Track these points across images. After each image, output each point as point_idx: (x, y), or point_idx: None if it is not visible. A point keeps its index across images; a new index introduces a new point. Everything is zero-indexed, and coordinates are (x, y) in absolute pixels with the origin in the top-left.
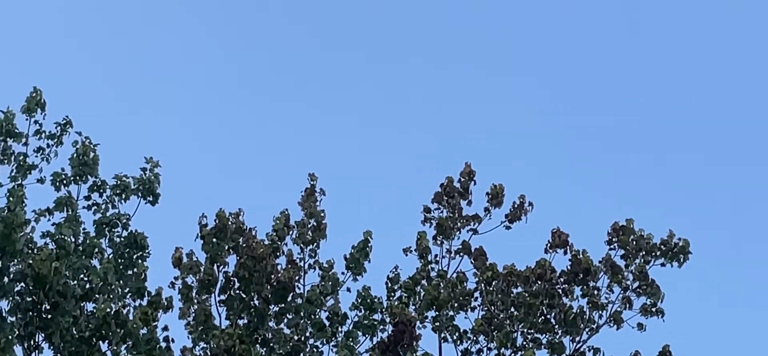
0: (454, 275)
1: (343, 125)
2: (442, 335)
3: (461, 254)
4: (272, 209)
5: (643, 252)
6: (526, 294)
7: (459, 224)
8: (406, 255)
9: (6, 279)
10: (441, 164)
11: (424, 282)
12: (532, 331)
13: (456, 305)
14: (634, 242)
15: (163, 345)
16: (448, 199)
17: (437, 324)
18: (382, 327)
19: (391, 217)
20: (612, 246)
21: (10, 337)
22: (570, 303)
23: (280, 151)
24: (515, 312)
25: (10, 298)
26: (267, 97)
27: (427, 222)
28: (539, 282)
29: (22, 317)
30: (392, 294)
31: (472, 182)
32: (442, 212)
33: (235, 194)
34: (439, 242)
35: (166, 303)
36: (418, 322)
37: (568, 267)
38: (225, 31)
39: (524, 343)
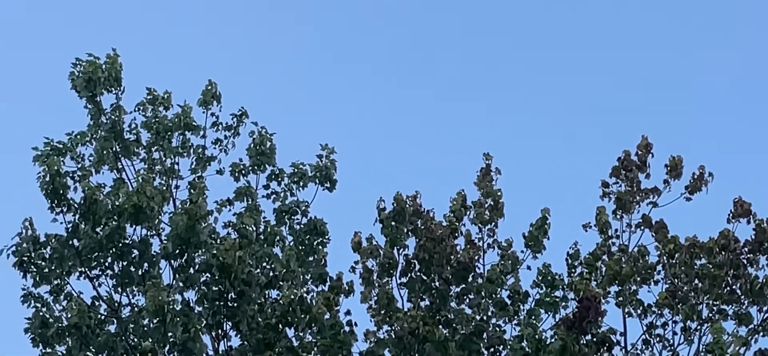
0: (636, 249)
1: (516, 103)
2: (626, 310)
3: (642, 227)
4: (448, 190)
5: None
6: (710, 266)
7: (638, 197)
8: (586, 231)
9: (192, 270)
10: (618, 139)
11: (604, 257)
12: (718, 302)
13: (639, 279)
14: None
15: (347, 329)
16: (626, 173)
17: (620, 298)
18: (564, 303)
19: (568, 193)
20: None
21: (198, 327)
22: (755, 273)
23: (453, 132)
24: (699, 284)
25: (197, 288)
26: (439, 79)
27: (606, 197)
28: (723, 253)
29: (209, 306)
30: (573, 270)
31: (650, 155)
32: (620, 186)
33: (411, 177)
34: (618, 217)
35: (347, 288)
36: (601, 297)
37: (752, 237)
38: (395, 15)
39: (710, 315)
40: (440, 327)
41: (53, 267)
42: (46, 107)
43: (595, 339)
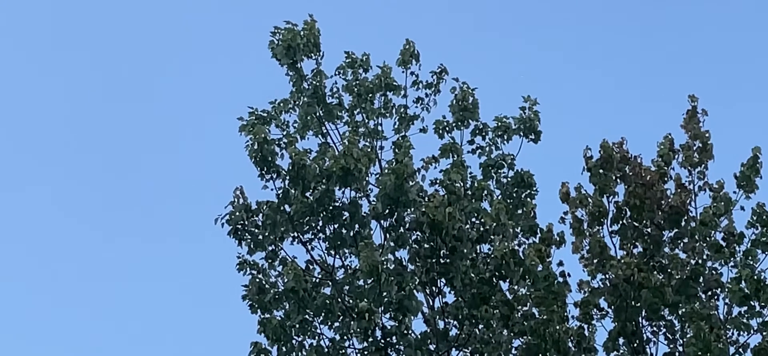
0: None
1: (719, 41)
2: None
3: None
4: (653, 135)
5: None
6: None
7: None
8: None
9: (402, 229)
10: None
11: None
12: None
13: None
14: None
15: (560, 280)
16: None
17: None
18: None
19: None
20: None
21: (412, 284)
22: None
23: (656, 76)
24: None
25: (408, 247)
26: (641, 23)
27: None
28: None
29: (422, 264)
30: None
31: None
32: None
33: (615, 124)
34: None
35: (558, 239)
36: None
37: None
38: None
39: None
40: (655, 272)
41: (267, 234)
42: (248, 77)
43: None
